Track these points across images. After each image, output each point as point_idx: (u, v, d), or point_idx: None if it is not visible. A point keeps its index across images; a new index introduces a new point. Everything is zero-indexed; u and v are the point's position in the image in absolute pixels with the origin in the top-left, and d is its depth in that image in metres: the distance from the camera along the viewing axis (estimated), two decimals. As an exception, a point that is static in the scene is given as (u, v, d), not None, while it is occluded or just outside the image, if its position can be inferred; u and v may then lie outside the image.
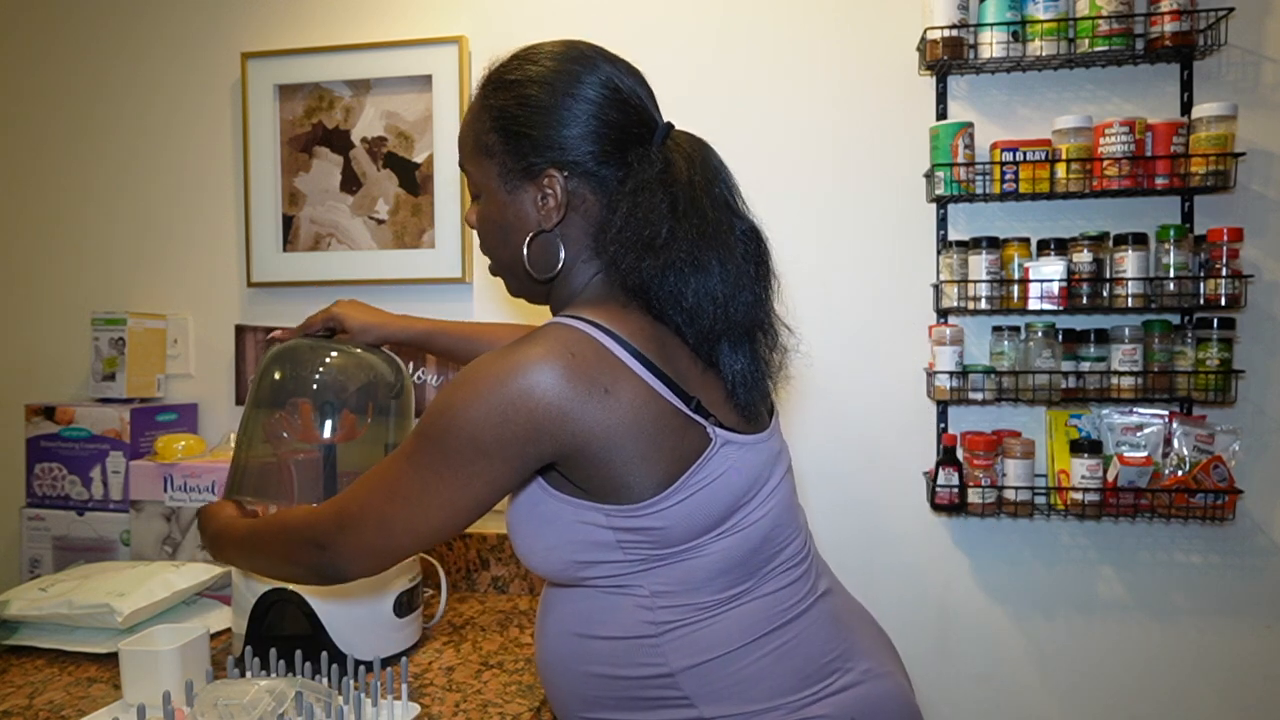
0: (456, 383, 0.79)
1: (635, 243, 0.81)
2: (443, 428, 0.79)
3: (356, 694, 1.00)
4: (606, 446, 0.78)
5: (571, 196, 0.86)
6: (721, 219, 0.84)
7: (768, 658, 0.83)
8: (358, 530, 0.84)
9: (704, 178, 0.84)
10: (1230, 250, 1.39)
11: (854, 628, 0.92)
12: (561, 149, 0.85)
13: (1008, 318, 1.53)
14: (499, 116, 0.87)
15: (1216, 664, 1.50)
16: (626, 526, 0.80)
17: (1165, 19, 1.39)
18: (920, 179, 1.55)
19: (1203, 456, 1.41)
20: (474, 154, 0.91)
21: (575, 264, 0.89)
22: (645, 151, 0.85)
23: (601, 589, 0.84)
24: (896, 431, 1.58)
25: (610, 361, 0.79)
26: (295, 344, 1.25)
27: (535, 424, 0.77)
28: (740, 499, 0.83)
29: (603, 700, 0.85)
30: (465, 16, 1.71)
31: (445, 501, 0.80)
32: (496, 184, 0.89)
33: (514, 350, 0.78)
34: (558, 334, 0.79)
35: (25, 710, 1.10)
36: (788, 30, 1.61)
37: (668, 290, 0.82)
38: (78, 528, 1.70)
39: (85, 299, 1.90)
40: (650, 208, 0.81)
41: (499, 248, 0.92)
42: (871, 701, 0.86)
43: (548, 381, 0.76)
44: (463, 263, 1.70)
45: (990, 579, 1.57)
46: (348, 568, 0.86)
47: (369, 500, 0.84)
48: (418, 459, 0.81)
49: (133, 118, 1.88)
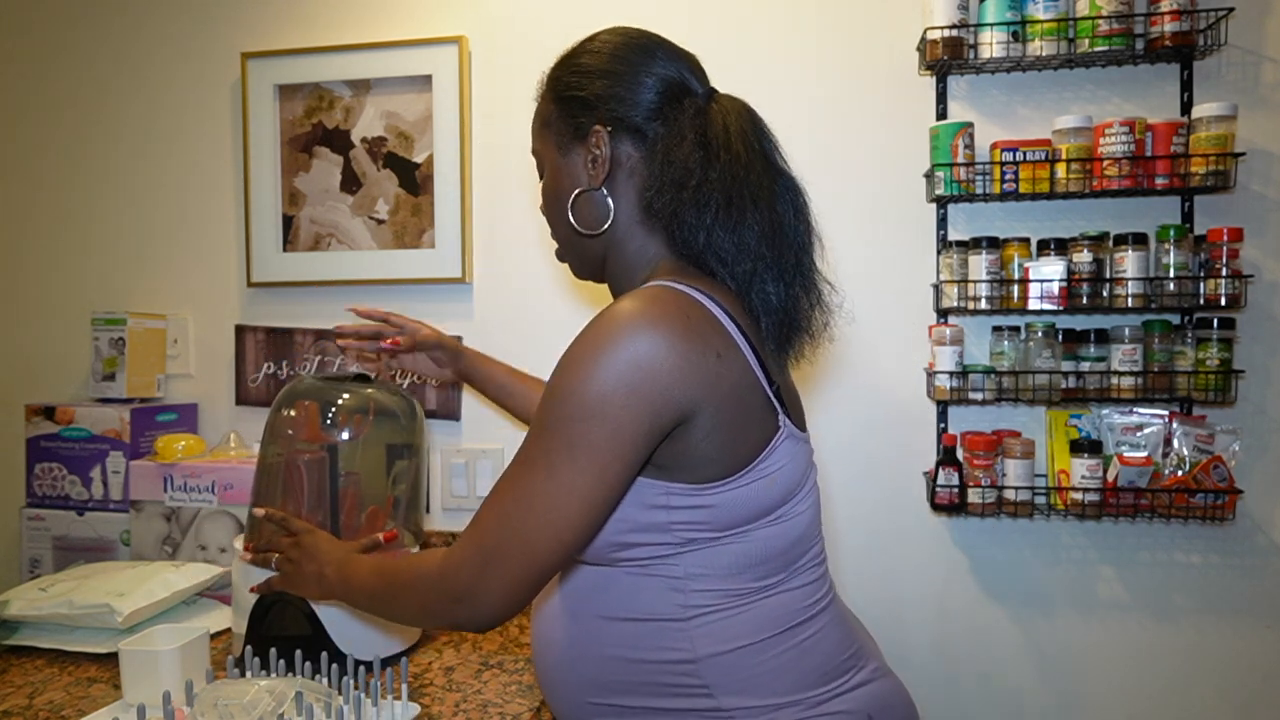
0: (567, 363, 0.76)
1: (670, 184, 0.81)
2: (568, 413, 0.74)
3: (356, 694, 1.00)
4: (713, 414, 0.76)
5: (617, 152, 0.87)
6: (757, 165, 0.83)
7: (790, 652, 0.83)
8: (502, 564, 0.77)
9: (740, 128, 0.84)
10: (1230, 250, 1.39)
11: (857, 629, 0.94)
12: (608, 106, 0.87)
13: (1008, 318, 1.53)
14: (555, 86, 0.91)
15: (1216, 664, 1.50)
16: (685, 505, 0.79)
17: (1165, 19, 1.39)
18: (920, 179, 1.55)
19: (1203, 456, 1.41)
20: (539, 130, 0.94)
21: (629, 226, 0.89)
22: (681, 106, 0.86)
23: (634, 570, 0.82)
24: (896, 431, 1.58)
25: (718, 326, 0.79)
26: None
27: (661, 387, 0.74)
28: (791, 492, 0.83)
29: (615, 685, 0.84)
30: (465, 16, 1.71)
31: (584, 495, 0.75)
32: (554, 153, 0.91)
33: (620, 313, 0.75)
34: (664, 294, 0.78)
35: (25, 710, 1.10)
36: (788, 30, 1.61)
37: (704, 232, 0.81)
38: (78, 528, 1.70)
39: (85, 299, 1.90)
40: (685, 151, 0.82)
41: (557, 220, 0.93)
42: (883, 698, 0.87)
43: (670, 345, 0.74)
44: (463, 263, 1.70)
45: (990, 579, 1.57)
46: (491, 614, 0.79)
47: (504, 524, 0.77)
48: (545, 456, 0.76)
49: (133, 118, 1.88)
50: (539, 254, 1.70)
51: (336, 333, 1.31)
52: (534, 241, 1.70)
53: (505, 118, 1.71)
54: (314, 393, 1.26)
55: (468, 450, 1.72)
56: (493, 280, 1.73)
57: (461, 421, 1.74)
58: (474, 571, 0.79)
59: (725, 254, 0.82)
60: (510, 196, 1.71)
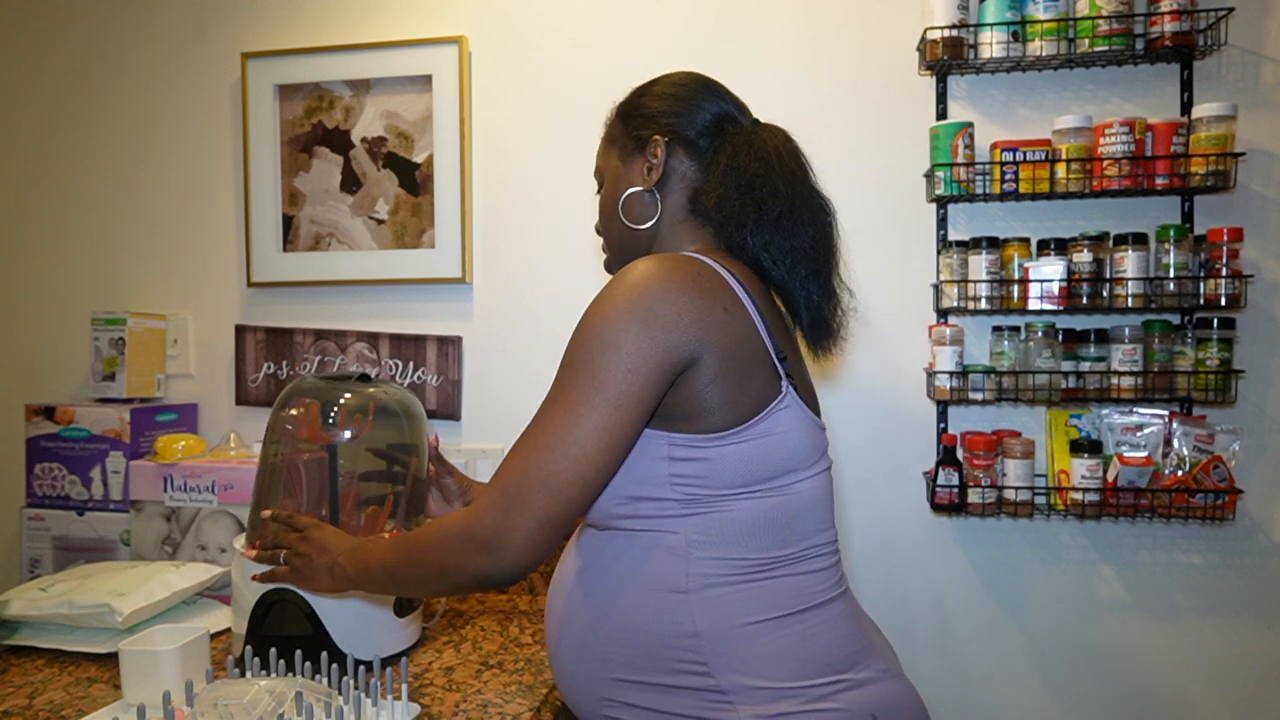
0: (586, 313, 0.84)
1: (734, 188, 0.91)
2: (586, 351, 0.81)
3: (356, 694, 1.00)
4: (717, 361, 0.82)
5: (670, 158, 0.97)
6: (804, 182, 0.95)
7: (791, 637, 0.84)
8: (526, 505, 0.80)
9: (788, 150, 0.95)
10: (1230, 250, 1.39)
11: (869, 629, 0.94)
12: (668, 122, 0.98)
13: (1008, 318, 1.53)
14: (623, 109, 1.03)
15: (1216, 664, 1.50)
16: (685, 458, 0.83)
17: (1165, 19, 1.39)
18: (920, 179, 1.55)
19: (1203, 456, 1.41)
20: (604, 149, 1.04)
21: (672, 224, 0.98)
22: (737, 125, 0.98)
23: (637, 534, 0.86)
24: (896, 431, 1.58)
25: (726, 286, 0.86)
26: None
27: (671, 332, 0.81)
28: (791, 464, 0.86)
29: (624, 658, 0.86)
30: (465, 16, 1.71)
31: (601, 428, 0.80)
32: (616, 162, 1.02)
33: (635, 267, 0.84)
34: (678, 256, 0.86)
35: (25, 710, 1.10)
36: (787, 30, 1.61)
37: (764, 233, 0.90)
38: (78, 528, 1.70)
39: (86, 299, 1.90)
40: (746, 160, 0.92)
41: (610, 221, 1.02)
42: (889, 700, 0.87)
43: (679, 291, 0.82)
44: (463, 263, 1.70)
45: (990, 579, 1.57)
46: (516, 560, 0.81)
47: (525, 465, 0.81)
48: (564, 395, 0.82)
49: (133, 118, 1.88)
50: (539, 254, 1.70)
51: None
52: (534, 241, 1.70)
53: (505, 118, 1.71)
54: (315, 392, 1.26)
55: (468, 450, 1.72)
56: (493, 280, 1.73)
57: (462, 422, 1.74)
58: (498, 516, 0.81)
59: (779, 255, 0.91)
60: (510, 196, 1.71)
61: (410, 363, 1.73)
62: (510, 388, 1.72)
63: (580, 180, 1.68)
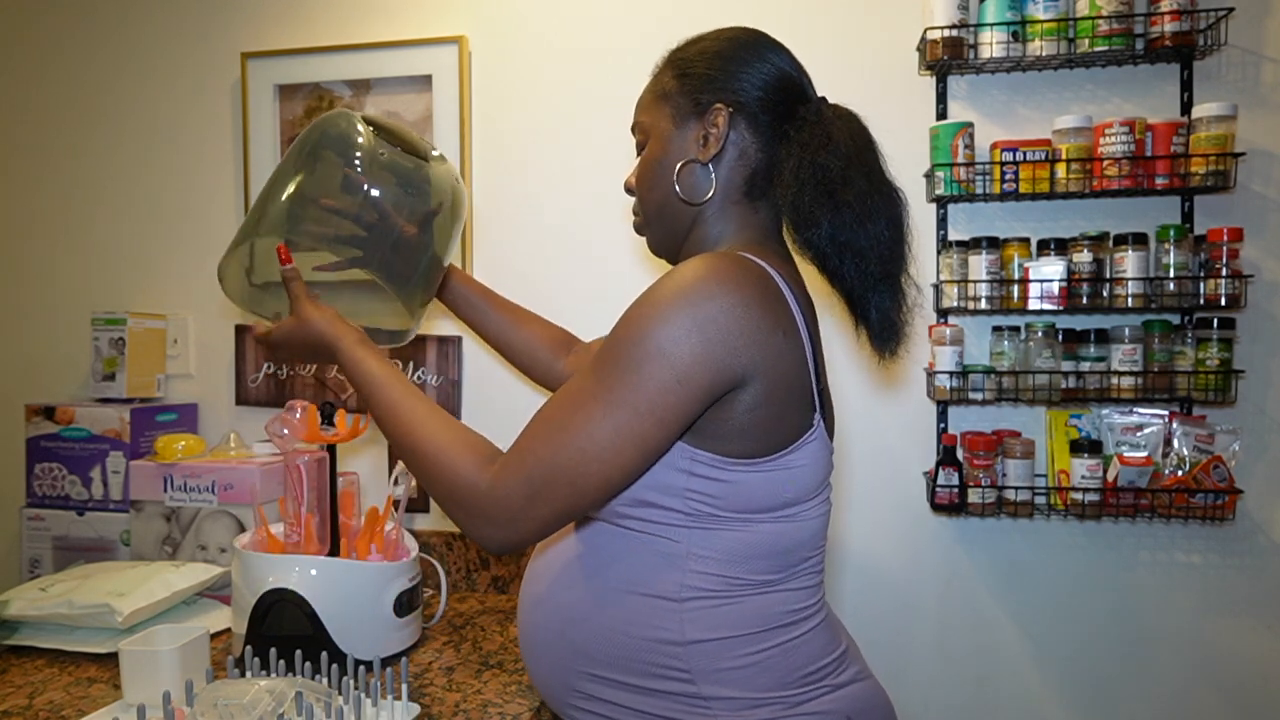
0: (643, 307, 0.77)
1: (812, 184, 0.83)
2: (638, 352, 0.75)
3: (356, 694, 1.00)
4: (763, 388, 0.78)
5: (732, 133, 0.90)
6: (879, 175, 0.87)
7: (775, 650, 0.84)
8: (549, 500, 0.77)
9: (864, 141, 0.88)
10: (1230, 250, 1.39)
11: (842, 634, 0.95)
12: (732, 89, 0.90)
13: (1008, 318, 1.53)
14: (679, 63, 0.94)
15: (1216, 664, 1.50)
16: (705, 476, 0.80)
17: (1165, 19, 1.39)
18: (920, 179, 1.55)
19: (1203, 456, 1.41)
20: (651, 103, 0.95)
21: (723, 204, 0.91)
22: (808, 108, 0.90)
23: (641, 538, 0.84)
24: (896, 431, 1.58)
25: (786, 308, 0.81)
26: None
27: (731, 346, 0.76)
28: (803, 495, 0.85)
29: (605, 657, 0.85)
30: (465, 16, 1.71)
31: (640, 440, 0.76)
32: (666, 123, 0.93)
33: (702, 268, 0.77)
34: (745, 261, 0.80)
35: (25, 710, 1.10)
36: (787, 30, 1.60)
37: (840, 235, 0.83)
38: (78, 528, 1.70)
39: (86, 299, 1.90)
40: (823, 157, 0.84)
41: (653, 187, 0.94)
42: (863, 700, 0.88)
43: (744, 305, 0.76)
44: (463, 263, 1.70)
45: (990, 579, 1.57)
46: (520, 541, 0.79)
47: (556, 459, 0.77)
48: (607, 394, 0.76)
49: (133, 118, 1.88)
50: (539, 253, 1.70)
51: None
52: (534, 241, 1.70)
53: (505, 118, 1.71)
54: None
55: (468, 450, 1.71)
56: (493, 280, 1.72)
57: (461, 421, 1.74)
58: (520, 503, 0.78)
59: (851, 258, 0.84)
60: (510, 196, 1.71)
61: (410, 363, 1.73)
62: (510, 388, 1.72)
63: (581, 180, 1.68)
